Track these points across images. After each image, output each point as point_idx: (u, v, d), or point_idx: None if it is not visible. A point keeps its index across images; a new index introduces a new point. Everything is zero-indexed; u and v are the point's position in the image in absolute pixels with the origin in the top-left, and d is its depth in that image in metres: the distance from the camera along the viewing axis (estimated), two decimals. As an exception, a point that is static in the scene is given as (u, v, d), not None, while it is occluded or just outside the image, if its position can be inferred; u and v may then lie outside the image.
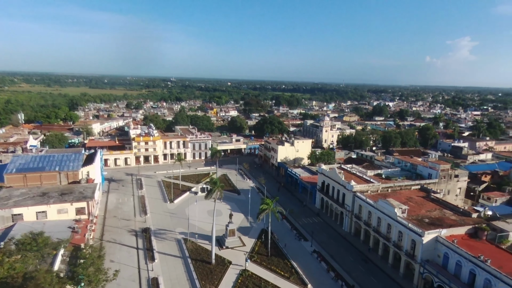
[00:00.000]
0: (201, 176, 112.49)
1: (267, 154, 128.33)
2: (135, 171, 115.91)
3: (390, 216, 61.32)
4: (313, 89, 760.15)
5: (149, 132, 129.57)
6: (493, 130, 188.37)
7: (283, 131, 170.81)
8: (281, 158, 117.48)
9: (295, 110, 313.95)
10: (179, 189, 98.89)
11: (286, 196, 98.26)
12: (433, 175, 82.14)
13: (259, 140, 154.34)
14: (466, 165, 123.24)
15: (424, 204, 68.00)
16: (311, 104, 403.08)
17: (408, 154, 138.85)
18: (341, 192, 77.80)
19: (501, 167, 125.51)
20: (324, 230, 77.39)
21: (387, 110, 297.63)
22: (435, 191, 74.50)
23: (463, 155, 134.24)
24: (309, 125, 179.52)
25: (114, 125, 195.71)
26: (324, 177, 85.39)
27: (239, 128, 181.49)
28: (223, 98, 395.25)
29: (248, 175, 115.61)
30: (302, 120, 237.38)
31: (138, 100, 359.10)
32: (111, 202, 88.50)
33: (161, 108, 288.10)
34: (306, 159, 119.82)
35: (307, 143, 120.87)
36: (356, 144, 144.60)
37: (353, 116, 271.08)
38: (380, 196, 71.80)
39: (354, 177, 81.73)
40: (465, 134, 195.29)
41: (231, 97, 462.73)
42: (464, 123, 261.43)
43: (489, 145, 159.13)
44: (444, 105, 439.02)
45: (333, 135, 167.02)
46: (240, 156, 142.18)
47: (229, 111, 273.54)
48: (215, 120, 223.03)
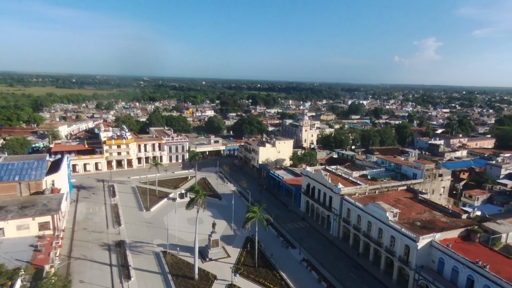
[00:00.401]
0: (179, 181, 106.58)
1: (248, 155, 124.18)
2: (107, 177, 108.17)
3: (381, 220, 58.98)
4: (288, 88, 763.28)
5: (122, 134, 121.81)
6: (464, 127, 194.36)
7: (262, 131, 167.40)
8: (262, 160, 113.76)
9: (272, 109, 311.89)
10: (156, 195, 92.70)
11: (269, 200, 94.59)
12: (418, 175, 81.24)
13: (239, 141, 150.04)
14: (444, 163, 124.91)
15: (413, 206, 66.39)
16: (288, 103, 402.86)
17: (387, 153, 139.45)
18: (328, 195, 75.04)
19: (476, 164, 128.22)
20: (311, 235, 74.31)
21: (363, 108, 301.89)
22: (422, 192, 73.33)
23: (440, 153, 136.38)
24: (288, 124, 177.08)
25: (83, 127, 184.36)
26: (309, 180, 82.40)
27: (216, 128, 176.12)
28: (199, 98, 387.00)
29: (229, 178, 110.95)
30: (280, 119, 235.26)
31: (109, 100, 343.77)
32: (81, 212, 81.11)
33: (134, 109, 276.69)
34: (288, 160, 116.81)
35: (289, 143, 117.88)
36: (337, 143, 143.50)
37: (330, 115, 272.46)
38: (368, 198, 69.64)
39: (340, 179, 79.29)
40: (438, 131, 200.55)
41: (207, 96, 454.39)
42: (436, 120, 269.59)
43: (463, 142, 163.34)
44: (414, 103, 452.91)
45: (313, 134, 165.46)
46: (219, 158, 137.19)
47: (205, 111, 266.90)
48: (191, 120, 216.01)
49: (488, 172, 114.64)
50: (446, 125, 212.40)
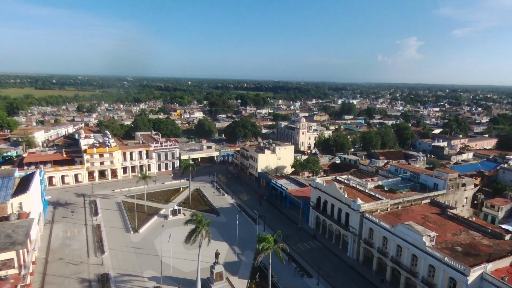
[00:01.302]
0: (171, 193, 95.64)
1: (245, 162, 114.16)
2: (89, 190, 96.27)
3: (416, 245, 50.19)
4: (275, 88, 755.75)
5: (105, 141, 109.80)
6: (462, 127, 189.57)
7: (257, 134, 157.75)
8: (262, 168, 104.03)
9: (262, 110, 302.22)
10: (145, 212, 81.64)
11: (272, 213, 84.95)
12: (439, 185, 73.13)
13: (232, 146, 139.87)
14: (452, 167, 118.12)
15: (444, 224, 57.98)
16: (278, 103, 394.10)
17: (390, 156, 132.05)
18: (344, 211, 65.97)
19: (485, 167, 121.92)
20: (326, 257, 65.08)
21: (355, 108, 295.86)
22: (449, 206, 65.13)
23: (446, 156, 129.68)
24: (283, 127, 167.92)
25: (62, 132, 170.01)
26: (319, 193, 73.16)
27: (207, 132, 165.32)
28: (186, 98, 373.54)
29: (226, 189, 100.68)
30: (272, 121, 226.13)
31: (91, 101, 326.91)
32: (56, 237, 69.49)
33: (117, 111, 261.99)
34: (289, 167, 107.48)
35: (289, 149, 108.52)
36: (337, 147, 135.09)
37: (323, 115, 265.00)
38: (391, 216, 60.93)
39: (356, 192, 70.38)
40: (434, 131, 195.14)
41: (194, 97, 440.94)
42: (429, 120, 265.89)
43: (465, 143, 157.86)
44: (404, 102, 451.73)
45: (310, 137, 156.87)
46: (212, 164, 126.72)
47: (193, 113, 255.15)
48: (179, 123, 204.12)
49: (500, 176, 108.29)
50: (444, 125, 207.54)
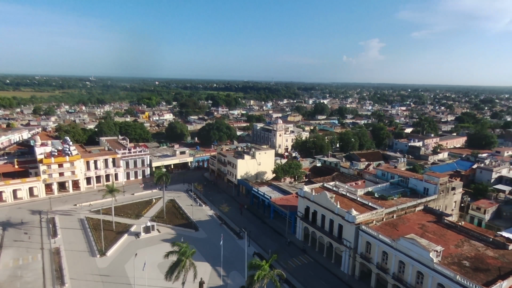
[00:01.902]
0: (142, 206, 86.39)
1: (222, 169, 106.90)
2: (46, 205, 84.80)
3: (422, 262, 45.96)
4: (245, 88, 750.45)
5: (64, 149, 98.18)
6: (432, 126, 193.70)
7: (232, 137, 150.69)
8: (241, 174, 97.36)
9: (235, 111, 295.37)
10: (113, 230, 72.26)
11: (255, 225, 78.61)
12: (430, 189, 70.36)
13: (207, 150, 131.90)
14: (430, 167, 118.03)
15: (444, 234, 54.52)
16: (250, 103, 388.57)
17: (369, 158, 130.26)
18: (336, 223, 61.02)
19: (460, 167, 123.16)
20: (318, 274, 59.73)
21: (328, 108, 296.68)
22: (446, 214, 62.14)
23: (423, 156, 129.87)
24: (259, 129, 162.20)
25: (15, 138, 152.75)
26: (308, 203, 67.86)
27: (179, 135, 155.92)
28: (154, 99, 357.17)
29: (203, 198, 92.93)
30: (246, 122, 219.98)
31: (50, 103, 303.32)
32: (5, 266, 58.83)
33: (79, 113, 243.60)
34: (270, 172, 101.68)
35: (270, 154, 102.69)
36: (316, 149, 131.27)
37: (296, 116, 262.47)
38: (388, 227, 56.70)
39: (347, 200, 65.74)
40: (406, 131, 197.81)
41: (162, 97, 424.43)
42: (398, 119, 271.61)
43: (438, 143, 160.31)
44: (372, 101, 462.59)
45: (287, 139, 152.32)
46: (186, 171, 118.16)
47: (163, 114, 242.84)
48: (148, 126, 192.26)
49: (478, 176, 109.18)
50: (414, 124, 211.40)
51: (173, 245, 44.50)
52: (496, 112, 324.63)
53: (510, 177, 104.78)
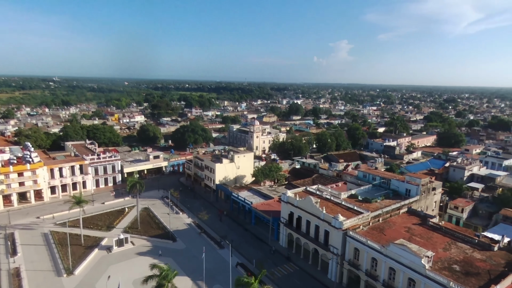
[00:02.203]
0: (114, 216, 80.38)
1: (199, 173, 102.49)
2: (4, 219, 76.70)
3: (413, 268, 44.66)
4: (218, 88, 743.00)
5: (25, 156, 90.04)
6: (404, 125, 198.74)
7: (208, 139, 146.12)
8: (220, 179, 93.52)
9: (209, 112, 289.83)
10: (81, 245, 66.25)
11: (237, 232, 75.22)
12: (412, 190, 70.19)
13: (183, 154, 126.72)
14: (407, 166, 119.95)
15: (430, 237, 53.84)
16: (224, 104, 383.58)
17: (346, 158, 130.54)
18: (322, 229, 58.97)
19: (433, 165, 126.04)
20: (305, 283, 57.32)
21: (302, 109, 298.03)
22: (429, 215, 61.84)
23: (398, 155, 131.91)
24: (235, 130, 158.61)
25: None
26: (292, 208, 65.44)
27: (152, 138, 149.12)
28: (123, 101, 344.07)
29: (180, 205, 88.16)
30: (221, 123, 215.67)
31: (8, 106, 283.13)
32: (-45, 293, 51.80)
33: (42, 116, 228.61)
34: (249, 176, 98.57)
35: (249, 157, 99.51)
36: (294, 150, 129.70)
37: (272, 117, 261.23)
38: (375, 232, 55.32)
39: (331, 204, 63.88)
40: (379, 130, 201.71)
41: (132, 98, 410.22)
42: (370, 118, 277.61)
43: (411, 142, 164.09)
44: (344, 101, 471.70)
45: (264, 141, 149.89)
46: (161, 176, 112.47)
47: (134, 116, 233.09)
48: (118, 129, 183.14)
49: (451, 174, 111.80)
50: (386, 124, 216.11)
51: (152, 267, 40.17)
52: (459, 111, 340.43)
53: (481, 174, 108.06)
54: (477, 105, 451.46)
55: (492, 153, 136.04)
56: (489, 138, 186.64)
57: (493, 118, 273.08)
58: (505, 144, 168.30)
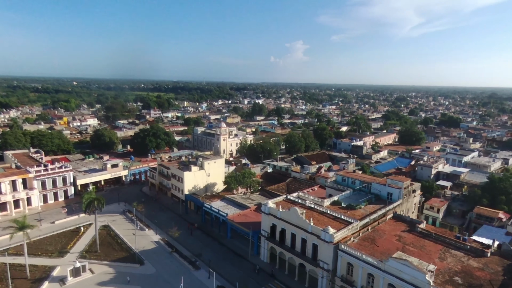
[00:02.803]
0: (67, 238, 69.46)
1: (165, 182, 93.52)
2: None
3: (416, 285, 41.26)
4: (176, 88, 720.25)
5: (-48, 171, 75.35)
6: (366, 124, 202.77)
7: (171, 144, 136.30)
8: (189, 189, 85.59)
9: (169, 113, 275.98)
10: (27, 278, 55.33)
11: (212, 248, 68.27)
12: (394, 194, 68.07)
13: (144, 160, 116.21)
14: (376, 166, 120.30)
15: (423, 246, 51.27)
16: (183, 105, 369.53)
17: (316, 159, 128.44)
18: (310, 242, 54.25)
19: (400, 164, 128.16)
20: (294, 304, 52.26)
21: (265, 109, 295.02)
22: (416, 221, 59.64)
23: (366, 155, 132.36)
24: (200, 133, 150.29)
25: None
26: (274, 220, 60.03)
27: (108, 144, 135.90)
28: (73, 102, 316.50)
29: (145, 220, 78.99)
30: (183, 125, 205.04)
31: None
32: None
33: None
34: (221, 183, 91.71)
35: (220, 163, 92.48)
36: (265, 153, 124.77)
37: (235, 117, 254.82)
38: (366, 242, 51.66)
39: (316, 214, 59.44)
40: (342, 129, 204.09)
41: (82, 100, 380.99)
42: (331, 117, 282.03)
43: (375, 141, 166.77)
44: (304, 101, 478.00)
45: (232, 143, 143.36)
46: (120, 187, 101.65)
47: (86, 120, 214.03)
48: (68, 134, 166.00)
49: (418, 173, 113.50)
50: (348, 123, 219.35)
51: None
52: (412, 109, 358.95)
53: (446, 172, 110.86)
54: (425, 103, 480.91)
55: (451, 150, 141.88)
56: (444, 135, 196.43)
57: (443, 115, 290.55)
58: (458, 140, 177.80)
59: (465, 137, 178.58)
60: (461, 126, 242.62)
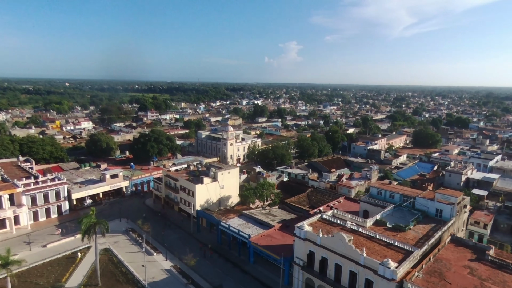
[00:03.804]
0: (61, 267, 58.67)
1: (172, 196, 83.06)
2: None
3: None
4: (171, 89, 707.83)
5: None
6: (376, 125, 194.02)
7: (175, 149, 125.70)
8: (201, 203, 75.30)
9: (166, 115, 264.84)
10: (13, 324, 44.77)
11: (233, 276, 58.12)
12: (445, 211, 58.58)
13: (146, 168, 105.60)
14: (398, 172, 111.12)
15: (505, 281, 41.65)
16: (181, 106, 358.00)
17: (332, 165, 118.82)
18: (362, 277, 44.45)
19: (422, 169, 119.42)
20: None
21: (267, 110, 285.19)
22: (484, 246, 50.08)
23: (386, 160, 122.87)
24: (205, 137, 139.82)
25: None
26: (313, 247, 50.11)
27: (105, 150, 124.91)
28: (65, 104, 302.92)
29: (151, 241, 68.49)
30: (184, 128, 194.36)
31: None
32: None
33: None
34: (235, 196, 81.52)
35: (234, 173, 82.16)
36: (277, 159, 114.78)
37: (237, 119, 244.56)
38: (434, 277, 41.92)
39: (363, 239, 49.61)
40: (349, 131, 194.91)
41: (75, 101, 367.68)
42: (334, 118, 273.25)
43: (389, 143, 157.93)
44: (304, 101, 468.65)
45: (239, 148, 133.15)
46: (121, 199, 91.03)
47: (80, 123, 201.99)
48: (61, 139, 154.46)
49: (446, 180, 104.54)
50: (356, 124, 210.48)
51: None
52: (415, 109, 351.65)
53: (476, 179, 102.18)
54: (425, 103, 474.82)
55: (473, 153, 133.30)
56: (457, 136, 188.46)
57: (448, 115, 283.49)
58: (474, 142, 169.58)
59: (481, 138, 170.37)
60: (469, 127, 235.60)
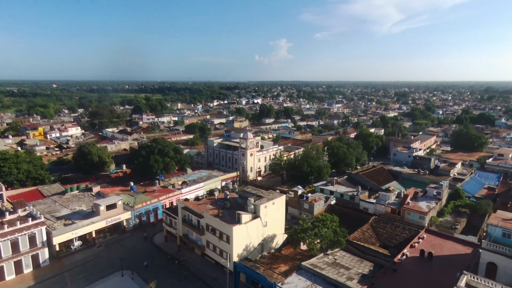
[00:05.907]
0: None
1: (194, 236, 60.20)
2: None
3: None
4: (163, 89, 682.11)
5: None
6: (402, 125, 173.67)
7: (184, 163, 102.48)
8: (240, 252, 52.79)
9: (163, 118, 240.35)
10: None
11: None
12: None
13: (150, 190, 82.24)
14: (463, 186, 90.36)
15: None
16: (177, 107, 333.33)
17: (375, 178, 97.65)
18: None
19: (485, 180, 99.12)
20: None
21: (274, 110, 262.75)
22: None
23: (442, 171, 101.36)
24: (217, 145, 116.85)
25: None
26: None
27: (98, 165, 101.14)
28: (51, 107, 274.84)
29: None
30: (186, 133, 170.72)
31: None
32: None
33: None
34: (280, 235, 59.18)
35: (280, 203, 59.19)
36: (313, 173, 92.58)
37: (243, 121, 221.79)
38: None
39: None
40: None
41: (62, 103, 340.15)
42: (352, 118, 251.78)
43: (431, 148, 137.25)
44: (305, 99, 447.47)
45: (260, 159, 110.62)
46: (120, 236, 68.05)
47: (67, 129, 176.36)
48: (44, 149, 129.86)
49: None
50: (376, 123, 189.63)
51: None
52: (427, 106, 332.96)
53: None
54: (429, 99, 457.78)
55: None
56: (493, 136, 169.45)
57: (465, 112, 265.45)
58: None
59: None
60: (496, 124, 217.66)
